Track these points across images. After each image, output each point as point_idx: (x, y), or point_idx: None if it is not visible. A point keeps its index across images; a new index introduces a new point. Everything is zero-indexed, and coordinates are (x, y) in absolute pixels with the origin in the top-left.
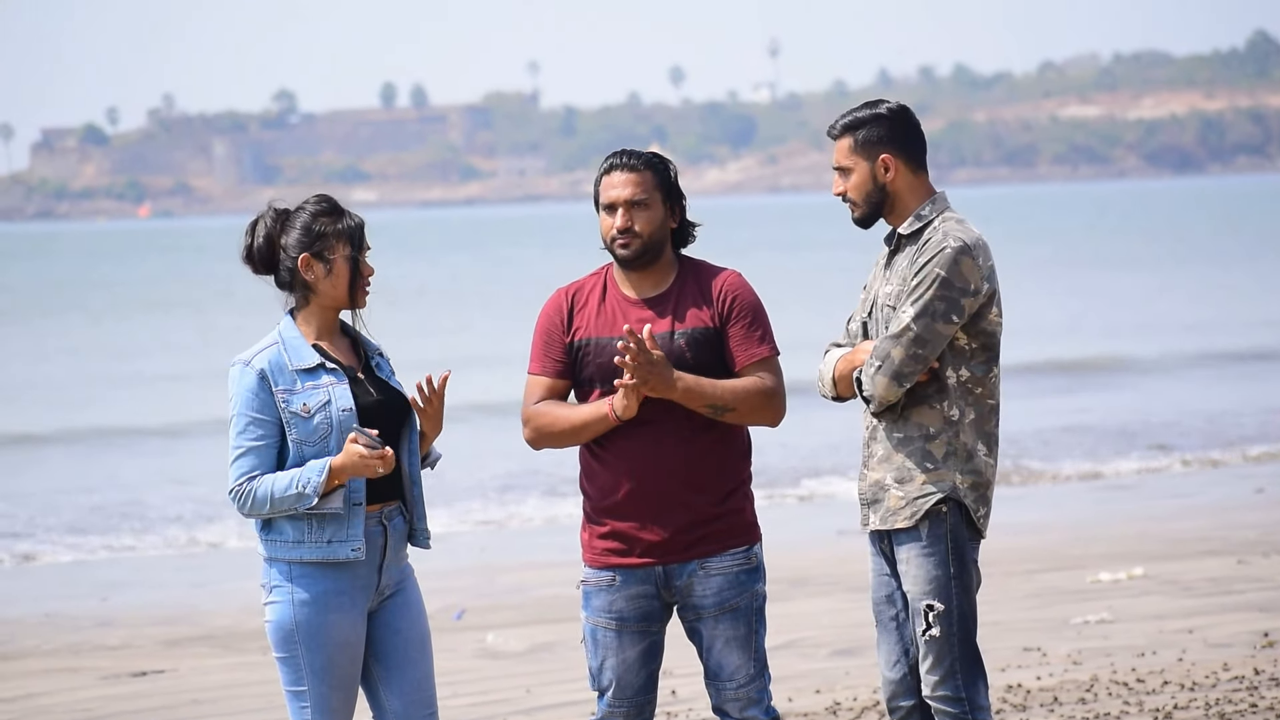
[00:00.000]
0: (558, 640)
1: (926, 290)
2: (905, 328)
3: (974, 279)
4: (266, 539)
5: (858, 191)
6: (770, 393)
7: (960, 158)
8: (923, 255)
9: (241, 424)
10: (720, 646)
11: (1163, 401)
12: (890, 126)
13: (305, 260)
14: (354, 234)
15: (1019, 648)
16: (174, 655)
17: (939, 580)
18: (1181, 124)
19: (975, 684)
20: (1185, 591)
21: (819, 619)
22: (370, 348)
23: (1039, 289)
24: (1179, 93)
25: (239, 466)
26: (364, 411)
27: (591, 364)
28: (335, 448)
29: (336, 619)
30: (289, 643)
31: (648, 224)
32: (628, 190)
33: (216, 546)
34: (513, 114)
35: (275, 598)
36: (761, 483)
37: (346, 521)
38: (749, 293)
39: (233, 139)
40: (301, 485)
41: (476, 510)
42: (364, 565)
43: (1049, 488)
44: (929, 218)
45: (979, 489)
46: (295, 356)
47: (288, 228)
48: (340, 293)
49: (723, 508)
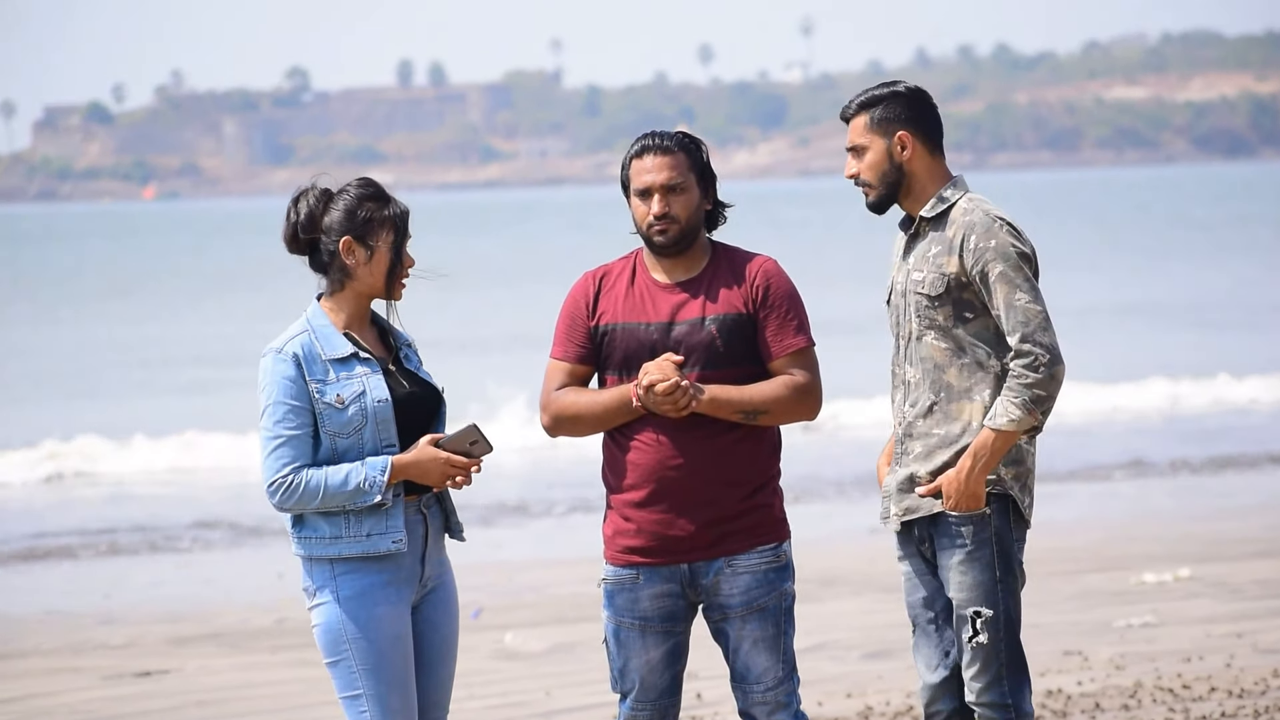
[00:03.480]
0: (579, 640)
1: (1008, 265)
2: (1034, 313)
3: (1028, 242)
4: (300, 536)
5: (873, 171)
6: (804, 389)
7: (1000, 141)
8: (971, 235)
9: (279, 412)
10: (747, 648)
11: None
12: (907, 104)
13: (348, 244)
14: (399, 221)
15: (1060, 651)
16: (180, 654)
17: (985, 585)
18: (1232, 106)
19: (1021, 689)
20: (1234, 594)
21: (850, 620)
22: (400, 338)
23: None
24: (1230, 74)
25: (279, 457)
26: (399, 404)
27: (617, 350)
28: (370, 440)
29: (384, 612)
30: (338, 644)
31: (685, 208)
32: (663, 174)
33: (222, 540)
34: (534, 93)
35: (320, 599)
36: (790, 477)
37: (387, 513)
38: (784, 280)
39: (243, 118)
40: (365, 484)
41: (492, 503)
42: (407, 556)
43: (1091, 485)
44: (953, 199)
45: (1022, 478)
46: (327, 345)
47: (331, 208)
48: (378, 281)
49: (751, 503)
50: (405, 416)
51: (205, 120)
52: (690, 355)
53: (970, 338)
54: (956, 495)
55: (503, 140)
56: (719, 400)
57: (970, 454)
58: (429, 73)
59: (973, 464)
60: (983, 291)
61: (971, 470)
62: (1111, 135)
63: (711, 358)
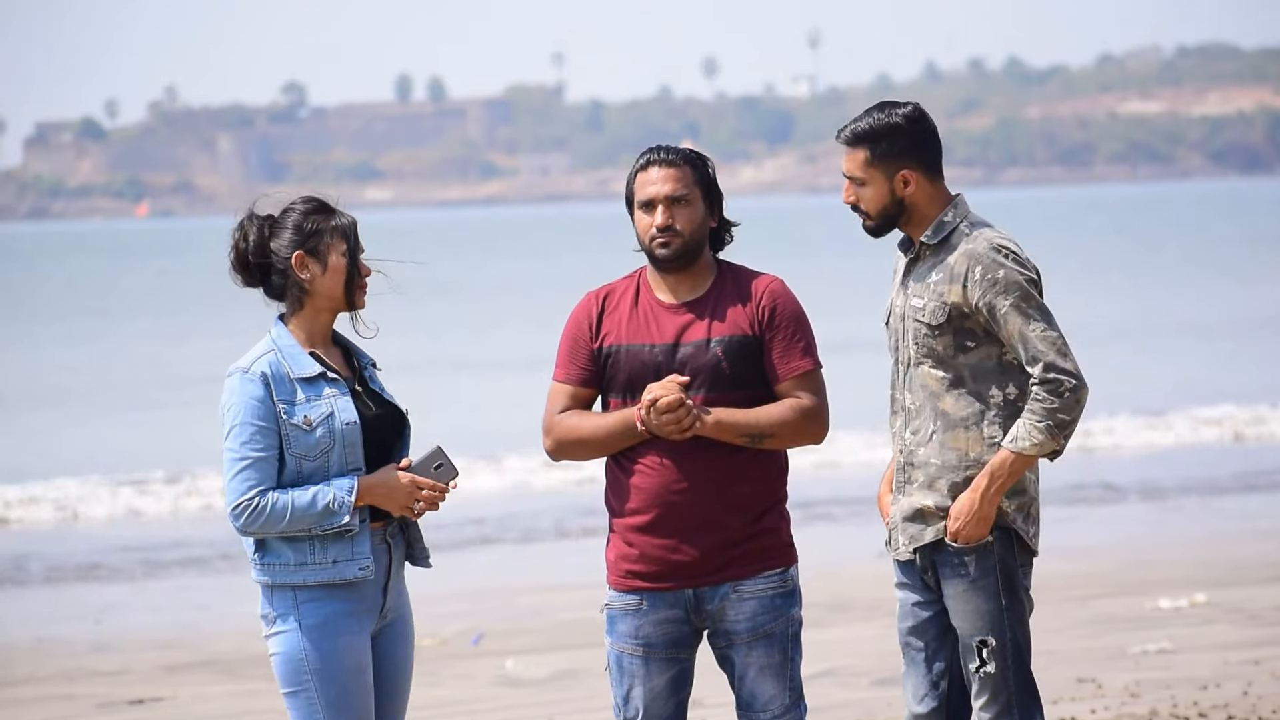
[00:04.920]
0: (581, 667)
1: (1017, 296)
2: (1051, 340)
3: (1033, 267)
4: (263, 563)
5: (873, 205)
6: (811, 412)
7: (1011, 156)
8: (977, 266)
9: (246, 434)
10: (753, 675)
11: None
12: (909, 137)
13: (299, 258)
14: (348, 232)
15: (1073, 679)
16: (173, 682)
17: (991, 614)
18: (1249, 121)
19: (1032, 718)
20: (1252, 620)
21: (859, 646)
22: (363, 358)
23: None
24: (1247, 88)
25: (245, 479)
26: (367, 425)
27: (620, 372)
28: (336, 463)
29: (348, 643)
30: (298, 675)
31: (689, 222)
32: (668, 186)
33: (215, 565)
34: (536, 108)
35: (280, 627)
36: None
37: (353, 539)
38: (791, 301)
39: (238, 134)
40: (334, 504)
41: (494, 525)
42: (370, 586)
43: (1105, 508)
44: (954, 224)
45: (1024, 508)
46: (295, 364)
47: (277, 230)
48: (337, 291)
49: (757, 527)
50: (372, 439)
51: (200, 137)
52: (695, 377)
53: (971, 368)
54: (967, 515)
55: (503, 156)
56: (724, 423)
57: (987, 473)
58: (428, 87)
59: (989, 484)
60: (989, 323)
61: (987, 490)
62: (1125, 150)
63: (717, 380)
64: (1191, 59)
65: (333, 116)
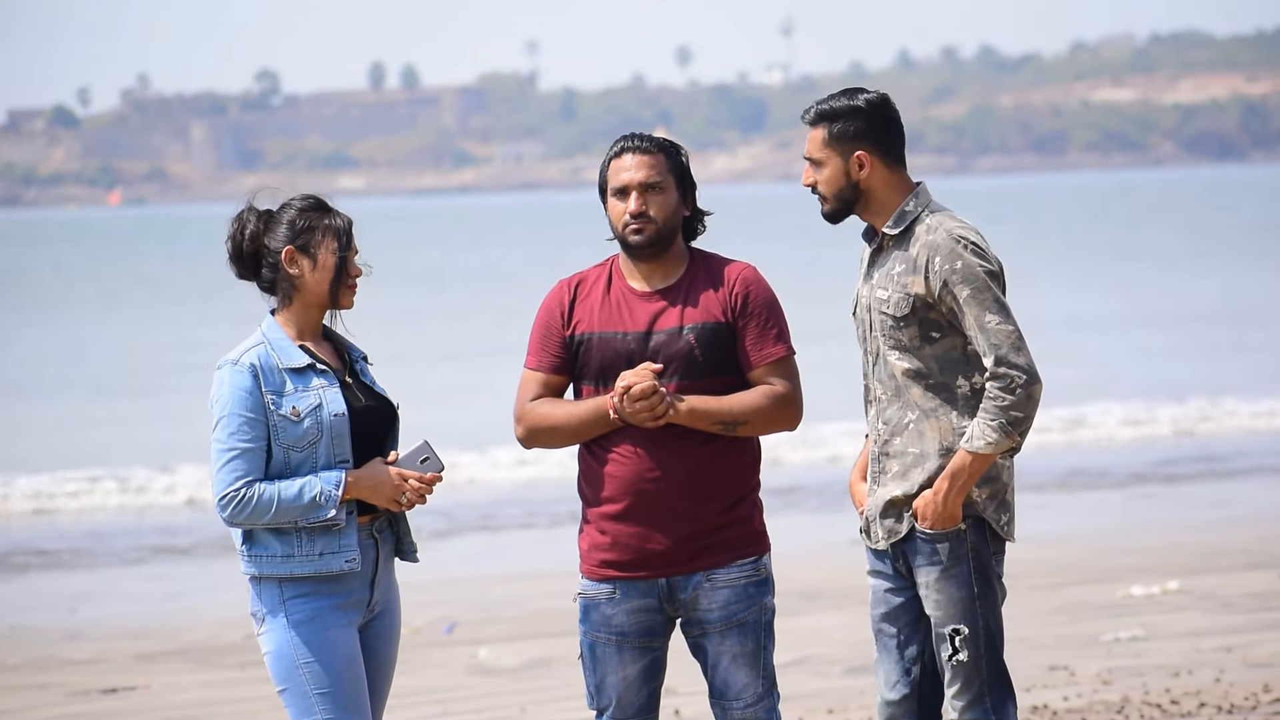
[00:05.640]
0: (555, 656)
1: (974, 287)
2: (1005, 334)
3: (994, 259)
4: (250, 555)
5: (829, 187)
6: (785, 399)
7: (985, 144)
8: (936, 256)
9: (234, 424)
10: (726, 663)
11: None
12: (868, 120)
13: (290, 253)
14: (341, 232)
15: (1045, 666)
16: (147, 670)
17: (963, 602)
18: (1222, 109)
19: (1004, 706)
20: (1224, 607)
21: (831, 634)
22: (354, 351)
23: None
24: (1220, 75)
25: (232, 470)
26: (355, 417)
27: (593, 360)
28: (324, 454)
29: (337, 634)
30: (291, 670)
31: (662, 209)
32: (641, 173)
33: (190, 554)
34: (509, 96)
35: (270, 624)
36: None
37: (340, 532)
38: (764, 288)
39: (211, 122)
40: (320, 497)
41: (469, 515)
42: (357, 579)
43: (1077, 495)
44: (915, 213)
45: (997, 496)
46: (284, 356)
47: (273, 225)
48: (324, 289)
49: (730, 516)
50: (360, 431)
51: (173, 124)
52: (668, 365)
53: (937, 358)
54: (933, 518)
55: (477, 144)
56: (697, 411)
57: (947, 476)
58: (401, 75)
59: (949, 487)
60: (951, 313)
61: (948, 493)
62: (1099, 138)
63: (690, 367)
64: (1164, 46)
65: (306, 104)
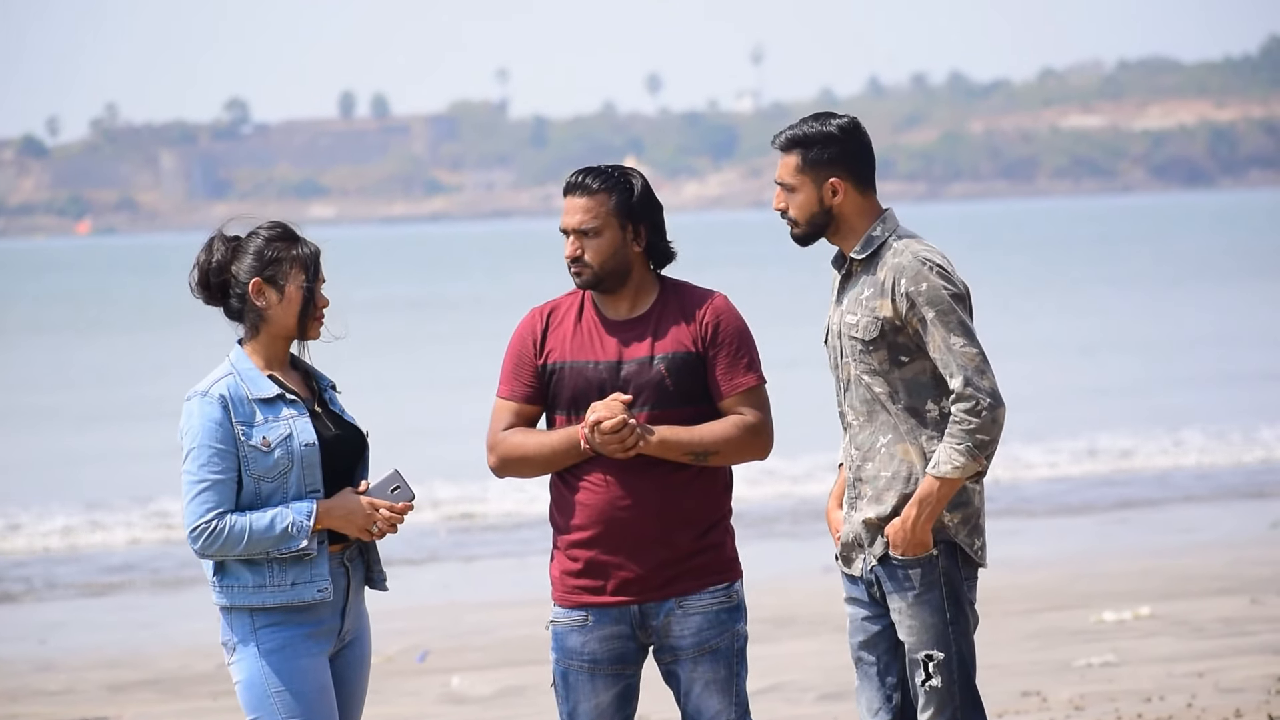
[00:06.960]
0: (527, 683)
1: (939, 310)
2: (970, 356)
3: (960, 282)
4: (222, 585)
5: (801, 212)
6: (755, 428)
7: (955, 170)
8: (902, 279)
9: (204, 456)
10: (699, 690)
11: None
12: (841, 146)
13: (257, 285)
14: (309, 262)
15: (1018, 692)
16: (119, 701)
17: (936, 628)
18: (1190, 135)
19: None
20: (1195, 633)
21: (805, 661)
22: (322, 380)
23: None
24: (1188, 102)
25: (203, 501)
26: (326, 447)
27: (565, 390)
28: (295, 484)
29: (308, 664)
30: (262, 699)
31: (597, 253)
32: (575, 217)
33: (160, 584)
34: (480, 124)
35: (240, 654)
36: (742, 516)
37: (311, 562)
38: (734, 317)
39: (181, 151)
40: (292, 528)
41: (440, 543)
42: (328, 608)
43: (1050, 521)
44: (882, 238)
45: (969, 521)
46: (253, 386)
47: (240, 254)
48: (290, 321)
49: (702, 543)
50: (331, 460)
51: (142, 153)
52: (639, 394)
53: (906, 382)
54: (903, 544)
55: (448, 172)
56: (668, 442)
57: (915, 503)
58: (372, 104)
59: (918, 513)
60: (918, 334)
61: (917, 519)
62: (1068, 164)
63: (661, 397)
64: (1133, 73)
65: (276, 133)
